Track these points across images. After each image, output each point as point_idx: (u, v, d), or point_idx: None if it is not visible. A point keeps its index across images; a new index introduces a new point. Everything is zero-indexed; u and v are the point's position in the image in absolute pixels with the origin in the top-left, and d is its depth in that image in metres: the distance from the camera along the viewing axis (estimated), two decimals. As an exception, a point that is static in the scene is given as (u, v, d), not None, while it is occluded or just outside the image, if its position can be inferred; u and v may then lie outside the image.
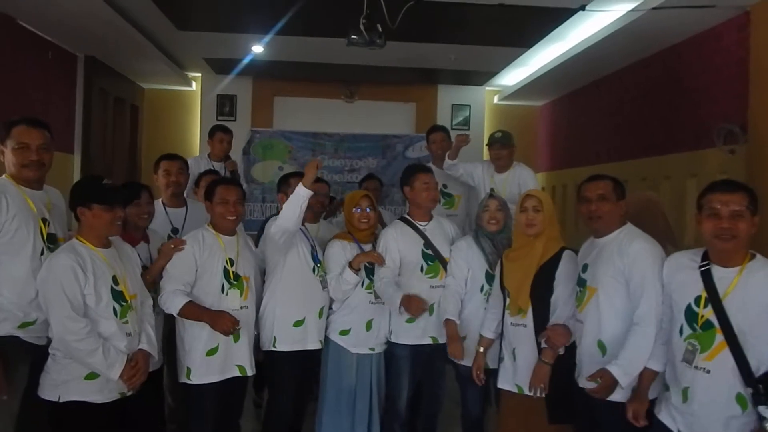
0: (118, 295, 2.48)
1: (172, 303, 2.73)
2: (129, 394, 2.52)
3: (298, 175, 3.13)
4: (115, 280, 2.49)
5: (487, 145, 4.28)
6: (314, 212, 3.41)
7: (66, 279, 2.37)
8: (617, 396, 2.46)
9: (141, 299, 2.66)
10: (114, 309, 2.46)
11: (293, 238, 3.05)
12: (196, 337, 2.83)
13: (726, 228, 2.11)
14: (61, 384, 2.42)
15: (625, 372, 2.39)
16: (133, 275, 2.65)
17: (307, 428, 3.38)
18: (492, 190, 4.07)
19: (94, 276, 2.42)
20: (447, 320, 3.10)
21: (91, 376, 2.43)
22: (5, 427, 2.50)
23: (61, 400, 2.41)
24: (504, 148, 4.16)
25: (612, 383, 2.41)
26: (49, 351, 2.46)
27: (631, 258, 2.47)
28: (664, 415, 2.31)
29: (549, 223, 2.88)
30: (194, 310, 2.76)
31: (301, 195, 2.84)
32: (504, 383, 2.88)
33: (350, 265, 3.06)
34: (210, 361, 2.83)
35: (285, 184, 3.40)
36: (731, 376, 2.10)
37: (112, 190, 2.57)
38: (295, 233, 2.97)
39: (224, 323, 2.75)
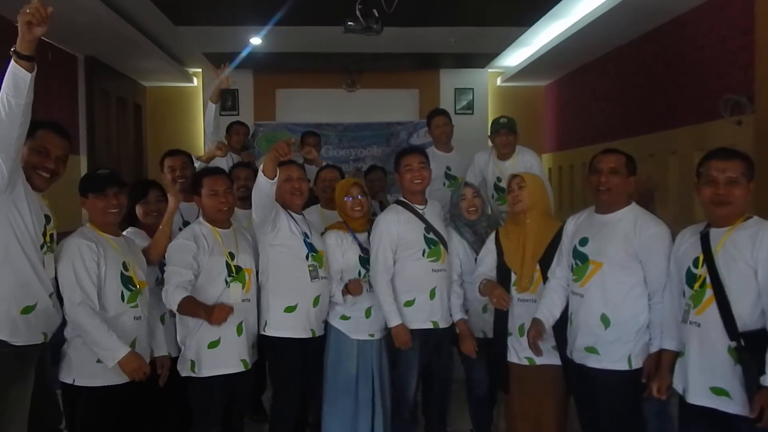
0: (127, 280, 2.60)
1: (172, 298, 2.70)
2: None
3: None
4: (125, 265, 2.61)
5: (490, 133, 4.16)
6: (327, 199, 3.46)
7: (77, 260, 2.46)
8: (617, 365, 2.53)
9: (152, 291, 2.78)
10: (122, 293, 2.57)
11: (279, 219, 2.99)
12: (198, 330, 2.79)
13: (721, 194, 2.19)
14: (75, 367, 2.51)
15: None
16: (143, 265, 2.75)
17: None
18: (498, 178, 4.07)
19: (105, 258, 2.53)
20: (458, 321, 3.18)
21: None
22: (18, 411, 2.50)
23: (75, 383, 2.50)
24: (510, 134, 4.07)
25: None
26: (65, 336, 2.53)
27: (648, 240, 2.52)
28: (674, 380, 2.39)
29: (538, 197, 2.93)
30: (191, 307, 2.71)
31: (259, 184, 2.81)
32: (513, 357, 2.91)
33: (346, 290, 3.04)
34: (214, 353, 2.79)
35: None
36: (718, 330, 2.17)
37: (103, 178, 2.62)
38: (271, 208, 2.89)
39: (220, 315, 2.69)
